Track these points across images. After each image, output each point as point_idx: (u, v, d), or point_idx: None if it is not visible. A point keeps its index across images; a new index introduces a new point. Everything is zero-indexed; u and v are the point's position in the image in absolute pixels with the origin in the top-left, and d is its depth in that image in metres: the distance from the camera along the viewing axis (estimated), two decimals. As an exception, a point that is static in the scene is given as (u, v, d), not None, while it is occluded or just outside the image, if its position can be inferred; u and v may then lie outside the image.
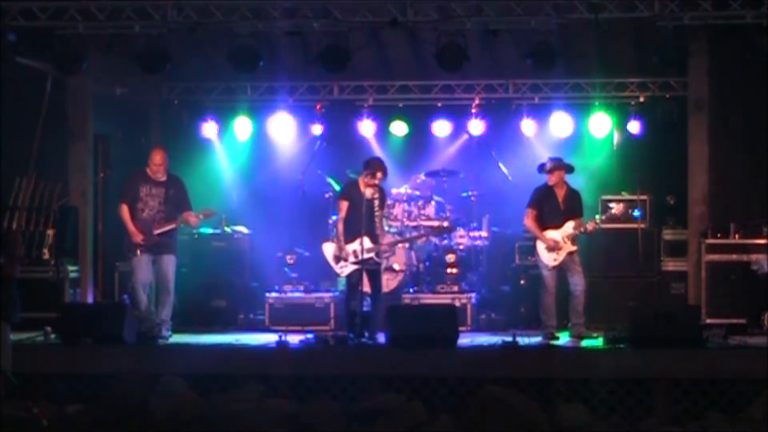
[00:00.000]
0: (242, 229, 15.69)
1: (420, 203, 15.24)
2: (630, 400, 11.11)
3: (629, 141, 16.00)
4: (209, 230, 15.50)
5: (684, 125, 14.41)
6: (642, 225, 14.94)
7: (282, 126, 16.28)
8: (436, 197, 15.40)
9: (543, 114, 16.01)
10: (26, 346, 11.61)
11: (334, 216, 14.86)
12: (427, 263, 15.07)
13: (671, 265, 14.82)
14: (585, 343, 12.52)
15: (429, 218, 15.17)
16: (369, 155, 14.06)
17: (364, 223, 12.71)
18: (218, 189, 16.44)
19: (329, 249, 13.30)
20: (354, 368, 11.39)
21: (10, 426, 10.17)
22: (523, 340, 11.80)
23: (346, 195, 12.98)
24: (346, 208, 12.87)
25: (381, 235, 13.06)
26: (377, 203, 12.88)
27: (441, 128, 16.32)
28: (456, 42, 13.01)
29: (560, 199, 13.19)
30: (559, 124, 15.96)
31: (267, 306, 14.69)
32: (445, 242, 15.12)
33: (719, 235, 13.83)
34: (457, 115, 16.21)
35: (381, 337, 12.25)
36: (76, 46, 13.22)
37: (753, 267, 13.54)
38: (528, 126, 15.97)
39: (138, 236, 12.84)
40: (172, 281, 13.02)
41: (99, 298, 14.68)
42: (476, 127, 16.01)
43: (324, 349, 11.98)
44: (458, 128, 16.30)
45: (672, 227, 15.01)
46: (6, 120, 13.41)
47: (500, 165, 15.81)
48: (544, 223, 13.13)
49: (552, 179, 13.17)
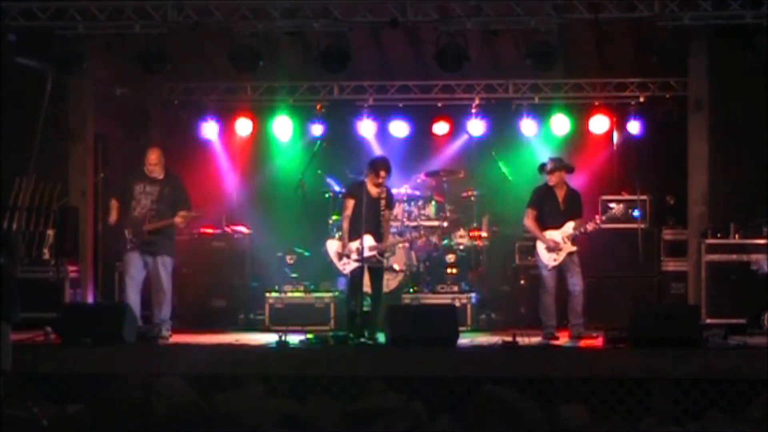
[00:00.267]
0: (242, 229, 15.69)
1: (420, 203, 15.24)
2: (630, 400, 11.09)
3: (629, 141, 16.00)
4: (209, 230, 15.50)
5: (684, 125, 14.39)
6: (642, 225, 14.92)
7: (282, 126, 16.29)
8: (436, 197, 15.40)
9: (543, 114, 16.01)
10: (26, 346, 11.59)
11: (335, 216, 14.91)
12: (427, 263, 15.07)
13: (671, 265, 14.82)
14: (585, 343, 12.52)
15: (429, 218, 15.17)
16: (369, 155, 14.09)
17: (369, 222, 12.72)
18: (218, 189, 16.44)
19: (333, 246, 13.32)
20: (354, 368, 11.37)
21: (10, 426, 10.16)
22: (523, 340, 11.78)
23: (353, 193, 12.98)
24: (352, 207, 12.87)
25: (386, 235, 13.06)
26: (384, 203, 12.88)
27: (441, 128, 16.33)
28: (456, 42, 12.99)
29: (560, 200, 13.19)
30: (559, 124, 15.97)
31: (267, 306, 14.69)
32: (445, 242, 15.12)
33: (719, 235, 13.82)
34: (457, 115, 16.22)
35: (381, 337, 12.25)
36: (76, 46, 13.21)
37: (753, 267, 13.54)
38: (528, 126, 15.96)
39: (113, 221, 12.98)
40: (167, 282, 12.92)
41: (99, 298, 14.68)
42: (476, 127, 16.02)
43: (324, 349, 11.97)
44: (458, 128, 16.30)
45: (672, 227, 15.01)
46: (6, 120, 13.41)
47: (500, 165, 15.81)
48: (544, 224, 13.13)
49: (552, 179, 13.17)
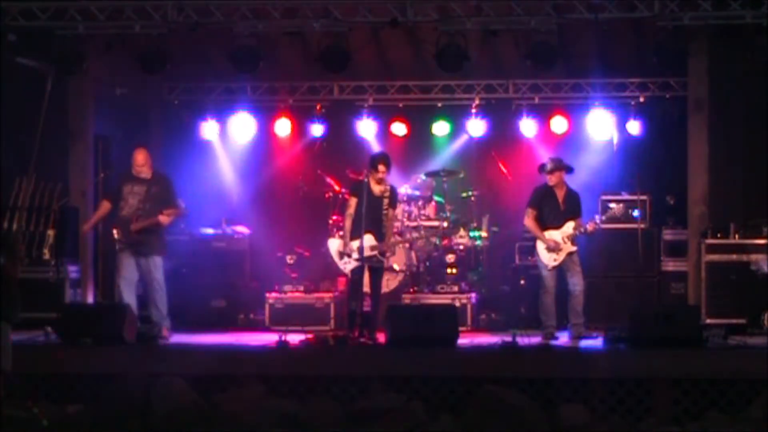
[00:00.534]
0: (242, 229, 15.69)
1: (420, 203, 15.24)
2: (630, 400, 11.09)
3: (629, 141, 16.00)
4: (209, 230, 15.51)
5: (684, 125, 14.39)
6: (642, 225, 14.92)
7: (282, 126, 16.29)
8: (436, 197, 15.40)
9: (543, 114, 16.01)
10: (26, 346, 11.59)
11: (335, 216, 14.91)
12: (427, 263, 15.07)
13: (671, 265, 14.82)
14: (585, 343, 12.52)
15: (429, 218, 15.17)
16: (369, 155, 14.06)
17: (370, 221, 12.70)
18: (218, 189, 16.45)
19: (334, 245, 13.30)
20: (354, 368, 11.37)
21: (10, 426, 10.16)
22: (523, 340, 11.78)
23: (355, 192, 12.96)
24: (354, 205, 12.83)
25: (389, 235, 13.03)
26: (387, 202, 12.85)
27: (441, 128, 16.33)
28: (456, 42, 13.00)
29: (560, 200, 13.18)
30: (559, 124, 15.97)
31: (267, 306, 14.69)
32: (445, 242, 15.12)
33: (719, 235, 13.82)
34: (457, 115, 16.23)
35: (381, 337, 12.25)
36: (76, 46, 13.22)
37: (752, 267, 13.54)
38: (528, 126, 15.97)
39: (87, 228, 13.21)
40: (158, 280, 12.85)
41: (99, 298, 14.68)
42: (476, 127, 16.02)
43: (324, 349, 11.97)
44: (458, 128, 16.31)
45: (672, 227, 14.99)
46: (6, 120, 13.41)
47: (500, 165, 15.80)
48: (544, 224, 13.13)
49: (552, 180, 13.16)
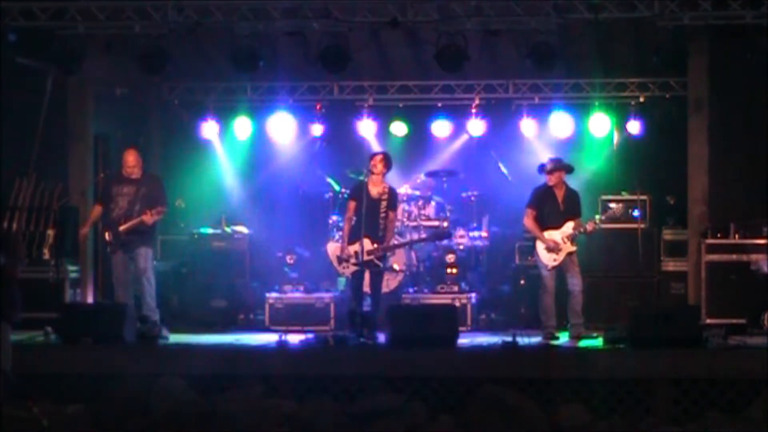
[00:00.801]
0: (242, 229, 15.68)
1: (420, 203, 15.23)
2: (630, 400, 11.10)
3: (629, 141, 15.99)
4: (209, 230, 15.50)
5: (684, 125, 14.39)
6: (642, 225, 14.91)
7: (282, 126, 16.27)
8: (436, 197, 15.40)
9: (543, 114, 16.00)
10: (26, 346, 11.60)
11: (335, 216, 14.91)
12: (427, 263, 15.06)
13: (671, 265, 14.81)
14: (584, 343, 12.51)
15: (429, 218, 15.16)
16: (372, 155, 14.05)
17: (368, 224, 12.70)
18: (218, 189, 16.44)
19: (332, 249, 13.34)
20: (354, 368, 11.37)
21: (10, 426, 10.16)
22: (523, 340, 11.78)
23: (354, 195, 13.02)
24: (353, 209, 12.88)
25: (388, 237, 13.00)
26: (384, 204, 12.84)
27: (441, 128, 16.32)
28: (456, 42, 13.00)
29: (560, 200, 13.18)
30: (559, 124, 15.95)
31: (267, 306, 14.67)
32: (445, 242, 15.11)
33: (719, 235, 13.82)
34: (457, 115, 16.21)
35: (381, 337, 12.25)
36: (76, 46, 13.21)
37: (752, 267, 13.53)
38: (528, 126, 15.96)
39: (84, 231, 13.12)
40: (146, 273, 12.84)
41: (99, 298, 14.68)
42: (476, 127, 16.01)
43: (324, 349, 11.97)
44: (458, 128, 16.30)
45: (672, 227, 14.99)
46: (6, 120, 13.41)
47: (500, 165, 15.81)
48: (544, 224, 13.12)
49: (552, 180, 13.16)
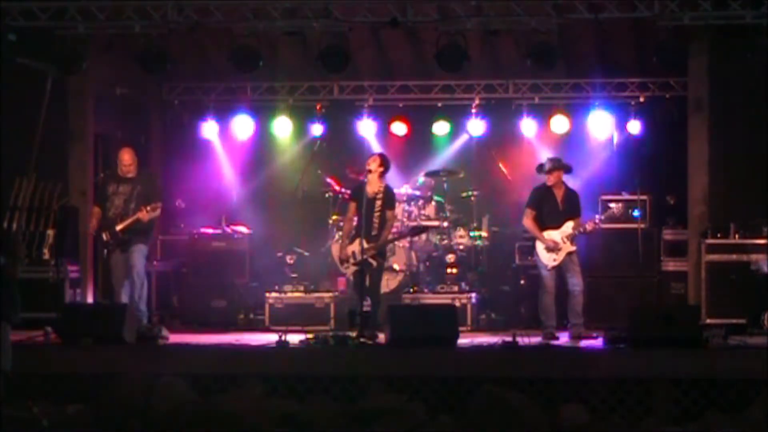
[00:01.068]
0: (242, 229, 15.69)
1: (420, 203, 15.23)
2: (630, 400, 11.08)
3: (629, 141, 16.00)
4: (209, 230, 15.51)
5: (684, 125, 14.39)
6: (642, 225, 14.91)
7: (282, 126, 16.29)
8: (436, 197, 15.40)
9: (543, 114, 16.01)
10: (26, 346, 11.59)
11: (335, 216, 14.92)
12: (427, 263, 15.07)
13: (671, 265, 14.81)
14: (585, 343, 12.52)
15: (429, 218, 15.16)
16: (369, 155, 14.05)
17: (364, 223, 12.71)
18: (218, 189, 16.45)
19: (335, 249, 13.42)
20: (354, 368, 11.37)
21: (10, 426, 10.15)
22: (523, 340, 11.78)
23: (354, 196, 13.08)
24: (353, 209, 12.94)
25: (384, 235, 12.96)
26: (379, 203, 12.85)
27: (441, 128, 16.33)
28: (456, 42, 12.99)
29: (559, 200, 13.18)
30: (559, 124, 15.96)
31: (267, 306, 14.67)
32: (445, 242, 15.11)
33: (719, 235, 13.81)
34: (457, 115, 16.22)
35: (381, 337, 12.25)
36: (76, 46, 13.21)
37: (752, 267, 13.53)
38: (528, 126, 15.97)
39: (93, 228, 13.00)
40: (138, 270, 12.82)
41: (99, 298, 14.68)
42: (476, 127, 16.02)
43: (324, 349, 11.97)
44: (458, 128, 16.30)
45: (672, 227, 14.99)
46: (6, 120, 13.40)
47: (500, 165, 15.80)
48: (544, 224, 13.12)
49: (550, 179, 13.17)
